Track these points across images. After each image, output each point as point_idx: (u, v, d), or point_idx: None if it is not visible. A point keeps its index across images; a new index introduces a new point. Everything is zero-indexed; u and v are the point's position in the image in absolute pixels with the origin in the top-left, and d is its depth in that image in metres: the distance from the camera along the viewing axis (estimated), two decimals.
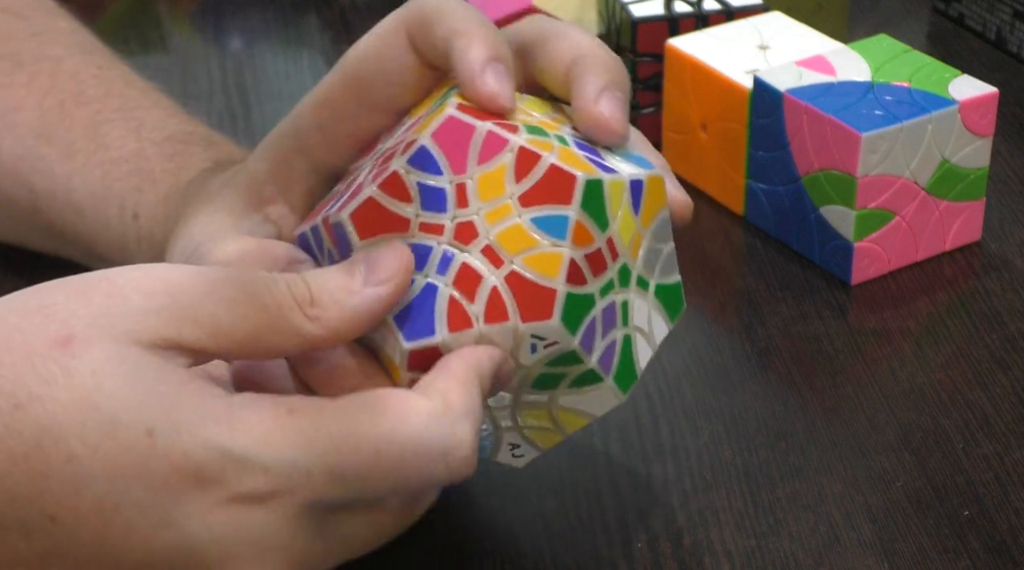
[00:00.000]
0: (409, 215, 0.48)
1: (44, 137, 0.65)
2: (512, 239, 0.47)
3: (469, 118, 0.48)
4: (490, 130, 0.48)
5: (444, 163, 0.48)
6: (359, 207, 0.48)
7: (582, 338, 0.48)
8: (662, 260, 0.51)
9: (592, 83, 0.50)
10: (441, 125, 0.48)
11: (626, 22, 0.76)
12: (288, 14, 0.91)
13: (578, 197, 0.47)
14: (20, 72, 0.66)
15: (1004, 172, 0.76)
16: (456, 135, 0.48)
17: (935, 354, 0.65)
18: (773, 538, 0.55)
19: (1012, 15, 0.85)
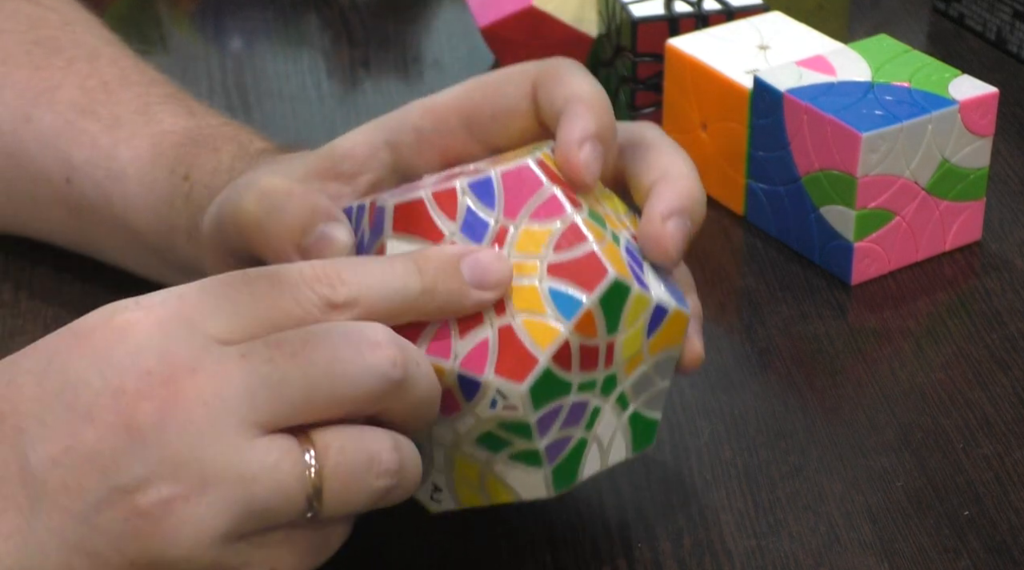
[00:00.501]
0: (445, 231, 0.49)
1: (87, 112, 0.64)
2: (524, 297, 0.48)
3: (543, 175, 0.49)
4: (554, 194, 0.48)
5: (500, 202, 0.48)
6: (407, 202, 0.49)
7: (541, 416, 0.48)
8: (652, 392, 0.52)
9: (667, 203, 0.51)
10: (514, 169, 0.49)
11: (626, 22, 0.76)
12: (288, 14, 0.91)
13: (601, 290, 0.48)
14: (57, 56, 0.66)
15: (1004, 172, 0.76)
16: (523, 184, 0.48)
17: (935, 354, 0.65)
18: (773, 538, 0.55)
19: (1012, 15, 0.85)
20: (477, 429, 0.49)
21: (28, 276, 0.68)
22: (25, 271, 0.68)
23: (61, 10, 0.69)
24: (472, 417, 0.49)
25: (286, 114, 0.81)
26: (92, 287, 0.67)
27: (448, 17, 0.90)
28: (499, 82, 0.53)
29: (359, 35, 0.88)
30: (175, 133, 0.62)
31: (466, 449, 0.50)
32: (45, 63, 0.66)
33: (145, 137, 0.63)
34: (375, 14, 0.90)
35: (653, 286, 0.50)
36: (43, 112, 0.65)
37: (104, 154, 0.63)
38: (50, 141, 0.64)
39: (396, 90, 0.83)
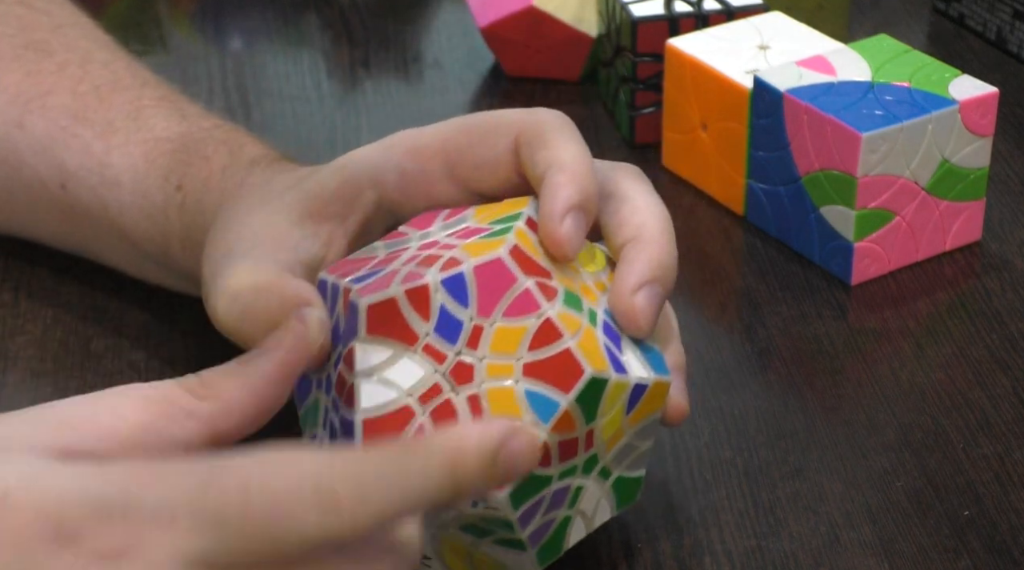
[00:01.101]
0: (419, 332, 0.48)
1: (80, 118, 0.64)
2: (499, 401, 0.48)
3: (516, 268, 0.48)
4: (528, 289, 0.48)
5: (473, 299, 0.48)
6: (379, 302, 0.48)
7: (522, 514, 0.48)
8: (634, 456, 0.52)
9: (637, 273, 0.50)
10: (488, 262, 0.48)
11: (626, 22, 0.76)
12: (288, 14, 0.91)
13: (577, 390, 0.48)
14: (49, 60, 0.66)
15: (1004, 172, 0.76)
16: (497, 278, 0.48)
17: (935, 354, 0.65)
18: (773, 538, 0.55)
19: (1012, 15, 0.85)
20: (461, 519, 0.49)
21: (28, 276, 0.68)
22: (25, 271, 0.68)
23: (53, 12, 0.69)
24: (455, 510, 0.49)
25: (286, 114, 0.81)
26: (92, 288, 0.67)
27: (448, 17, 0.90)
28: (483, 131, 0.53)
29: (359, 35, 0.88)
30: (167, 140, 0.62)
31: (452, 532, 0.50)
32: (37, 68, 0.66)
33: (138, 144, 0.63)
34: (375, 14, 0.90)
35: (631, 363, 0.49)
36: (36, 118, 0.64)
37: (97, 161, 0.63)
38: (44, 147, 0.64)
39: (396, 90, 0.83)
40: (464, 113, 0.82)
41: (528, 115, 0.52)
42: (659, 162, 0.77)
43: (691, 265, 0.70)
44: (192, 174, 0.60)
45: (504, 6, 0.81)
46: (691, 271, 0.69)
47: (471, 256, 0.48)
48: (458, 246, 0.49)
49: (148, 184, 0.61)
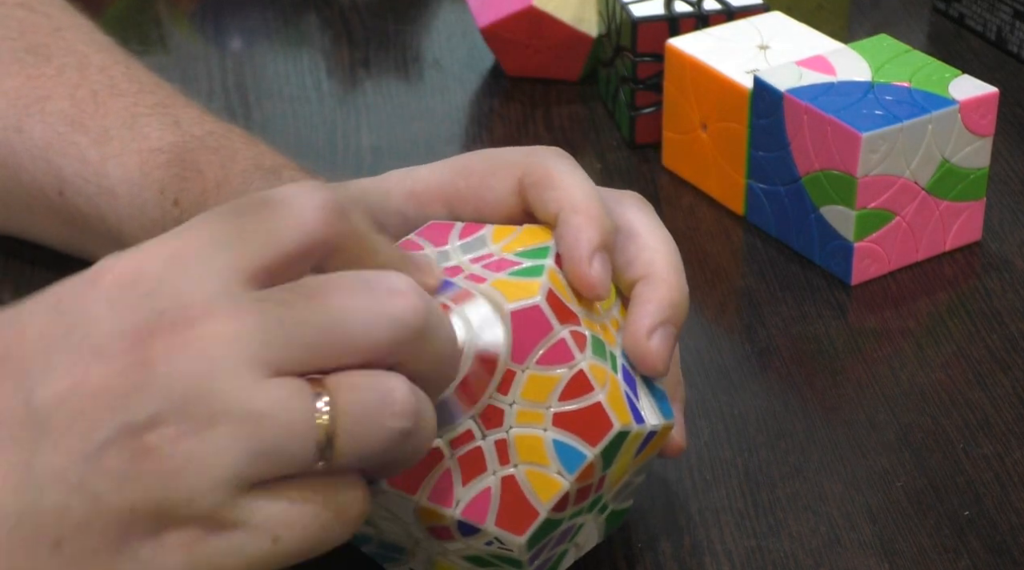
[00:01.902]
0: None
1: (77, 124, 0.64)
2: (528, 447, 0.48)
3: (552, 317, 0.48)
4: (563, 339, 0.48)
5: (508, 344, 0.48)
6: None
7: (534, 554, 0.49)
8: (629, 490, 0.52)
9: (651, 315, 0.51)
10: (526, 309, 0.47)
11: (626, 22, 0.76)
12: (288, 14, 0.91)
13: (604, 443, 0.48)
14: (48, 65, 0.66)
15: (1004, 172, 0.76)
16: (533, 325, 0.48)
17: (935, 354, 0.64)
18: (773, 538, 0.55)
19: (1012, 15, 0.85)
20: (468, 551, 0.49)
21: (28, 276, 0.68)
22: (25, 271, 0.68)
23: (53, 15, 0.69)
24: (464, 544, 0.49)
25: (286, 114, 0.81)
26: None
27: (448, 17, 0.90)
28: (483, 173, 0.53)
29: (359, 35, 0.88)
30: (160, 151, 0.62)
31: (452, 559, 0.50)
32: (36, 72, 0.66)
33: (133, 154, 0.63)
34: (375, 14, 0.90)
35: (646, 410, 0.50)
36: (34, 123, 0.65)
37: (93, 170, 0.63)
38: (41, 153, 0.64)
39: (396, 90, 0.83)
40: (464, 113, 0.82)
41: (529, 156, 0.52)
42: (659, 162, 0.77)
43: (691, 265, 0.70)
44: (188, 189, 0.60)
45: (504, 6, 0.81)
46: (691, 271, 0.69)
47: (507, 299, 0.48)
48: (488, 281, 0.49)
49: (145, 197, 0.62)
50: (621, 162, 0.77)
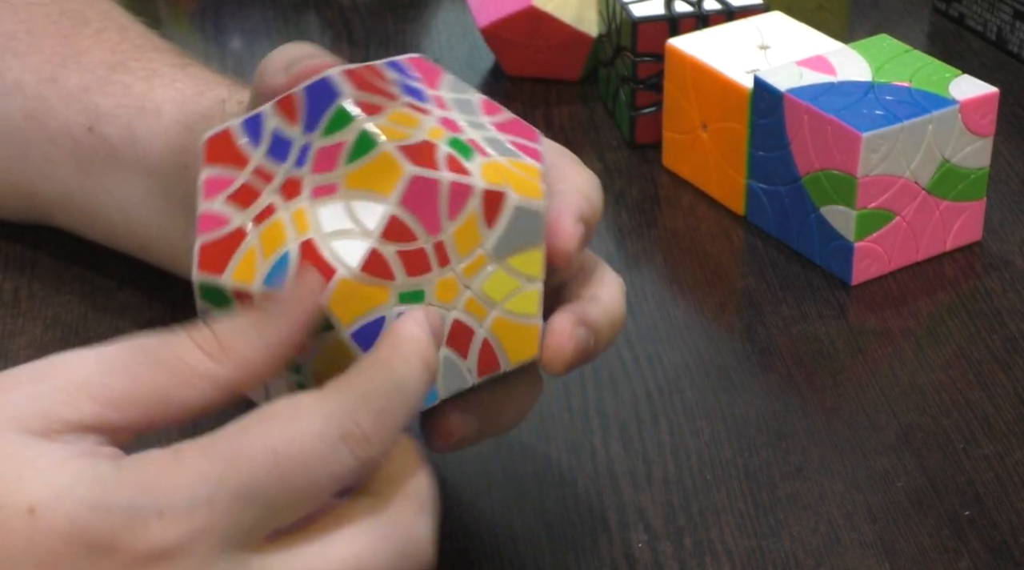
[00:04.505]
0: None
1: (120, 67, 0.64)
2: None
3: (430, 173, 0.47)
4: (453, 182, 0.47)
5: (420, 228, 0.47)
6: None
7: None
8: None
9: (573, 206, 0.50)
10: (408, 189, 0.46)
11: (626, 22, 0.76)
12: (288, 14, 0.91)
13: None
14: (86, 27, 0.66)
15: (1004, 172, 0.76)
16: (423, 195, 0.47)
17: (935, 354, 0.64)
18: (773, 538, 0.55)
19: (1012, 15, 0.85)
20: None
21: (28, 276, 0.68)
22: (25, 271, 0.68)
23: None
24: None
25: None
26: (92, 288, 0.67)
27: (448, 17, 0.90)
28: None
29: (359, 35, 0.88)
30: (219, 83, 0.62)
31: None
32: (73, 32, 0.65)
33: (185, 80, 0.62)
34: (375, 14, 0.90)
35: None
36: (70, 72, 0.64)
37: (138, 98, 0.62)
38: (76, 96, 0.63)
39: None
40: None
41: None
42: (659, 162, 0.77)
43: (691, 265, 0.70)
44: None
45: (504, 6, 0.81)
46: (691, 271, 0.69)
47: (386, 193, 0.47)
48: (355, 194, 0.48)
49: (198, 103, 0.60)
50: (621, 162, 0.77)
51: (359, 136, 0.47)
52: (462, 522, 0.56)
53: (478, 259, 0.48)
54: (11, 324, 0.66)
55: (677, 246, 0.71)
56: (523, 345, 0.50)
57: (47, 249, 0.68)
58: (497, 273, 0.49)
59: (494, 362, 0.49)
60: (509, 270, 0.49)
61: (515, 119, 0.52)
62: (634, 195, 0.75)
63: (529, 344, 0.50)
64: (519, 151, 0.50)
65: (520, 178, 0.49)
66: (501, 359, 0.50)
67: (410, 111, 0.48)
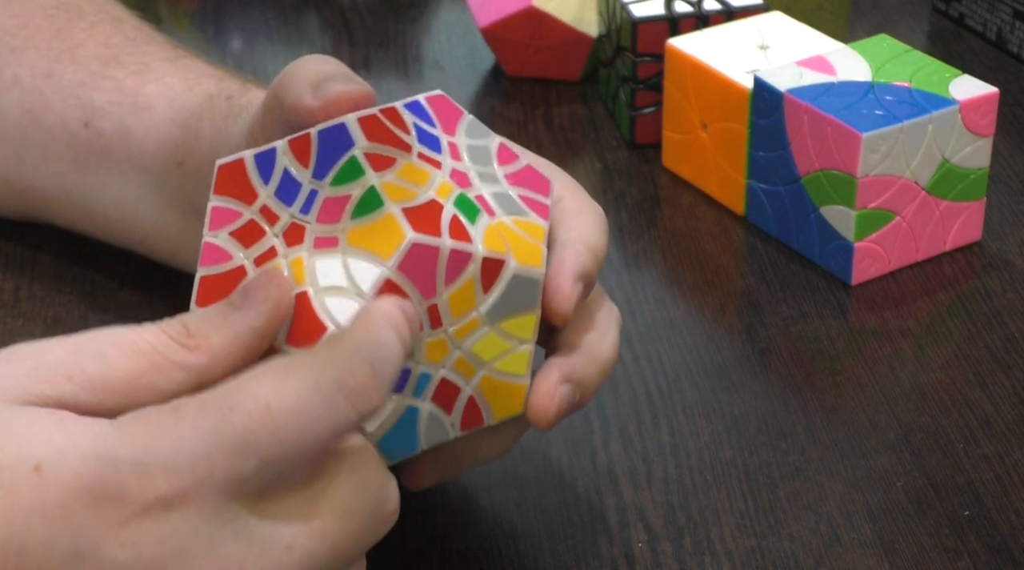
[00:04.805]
0: (260, 193, 0.48)
1: (113, 62, 0.64)
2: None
3: (430, 239, 0.47)
4: (453, 249, 0.47)
5: (415, 292, 0.47)
6: (228, 163, 0.49)
7: None
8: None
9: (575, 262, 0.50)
10: (406, 255, 0.46)
11: (626, 22, 0.76)
12: (288, 14, 0.91)
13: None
14: (81, 20, 0.66)
15: (1004, 172, 0.76)
16: (421, 260, 0.47)
17: (935, 354, 0.65)
18: (773, 538, 0.55)
19: (1012, 15, 0.85)
20: None
21: (28, 276, 0.68)
22: (25, 271, 0.68)
23: None
24: None
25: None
26: (92, 288, 0.67)
27: (448, 17, 0.90)
28: None
29: (359, 35, 0.88)
30: (210, 75, 0.62)
31: None
32: (68, 26, 0.66)
33: (176, 76, 0.62)
34: (375, 14, 0.90)
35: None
36: (65, 67, 0.64)
37: (130, 94, 0.63)
38: (72, 91, 0.64)
39: (396, 90, 0.83)
40: None
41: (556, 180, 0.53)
42: (659, 162, 0.77)
43: (691, 265, 0.70)
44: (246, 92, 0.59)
45: (504, 6, 0.81)
46: (691, 271, 0.69)
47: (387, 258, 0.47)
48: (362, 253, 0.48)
49: (187, 99, 0.61)
50: (621, 162, 0.77)
51: (366, 192, 0.47)
52: (462, 522, 0.56)
53: (471, 322, 0.48)
54: (11, 324, 0.66)
55: (677, 246, 0.71)
56: (509, 402, 0.50)
57: (47, 249, 0.68)
58: (489, 336, 0.49)
59: (478, 418, 0.50)
60: (501, 333, 0.49)
61: (528, 168, 0.52)
62: (634, 195, 0.75)
63: (515, 401, 0.50)
64: (527, 208, 0.50)
65: (522, 241, 0.49)
66: (485, 415, 0.50)
67: (421, 164, 0.48)
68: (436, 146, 0.49)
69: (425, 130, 0.49)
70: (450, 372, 0.49)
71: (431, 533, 0.56)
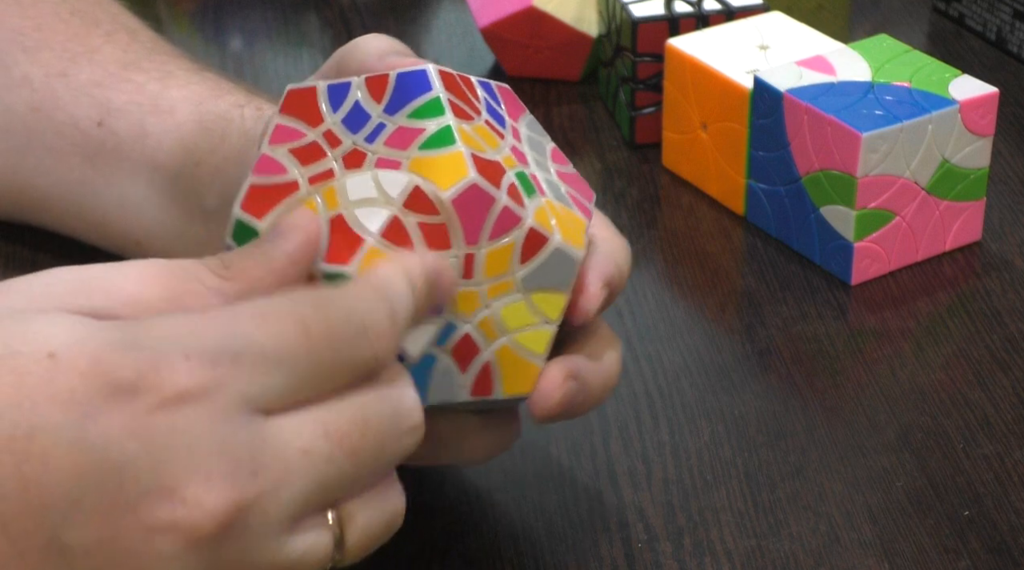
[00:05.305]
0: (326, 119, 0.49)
1: (133, 67, 0.64)
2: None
3: (487, 185, 0.47)
4: (506, 206, 0.48)
5: (458, 234, 0.48)
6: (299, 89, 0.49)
7: None
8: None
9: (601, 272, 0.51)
10: (464, 192, 0.47)
11: (626, 22, 0.76)
12: (288, 14, 0.91)
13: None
14: (97, 28, 0.66)
15: (1004, 172, 0.76)
16: (475, 203, 0.47)
17: (935, 354, 0.65)
18: (773, 538, 0.55)
19: (1012, 15, 0.85)
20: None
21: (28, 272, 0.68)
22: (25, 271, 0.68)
23: None
24: None
25: None
26: None
27: (448, 17, 0.90)
28: None
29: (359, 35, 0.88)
30: (234, 90, 0.62)
31: None
32: (84, 31, 0.65)
33: (202, 85, 0.63)
34: (375, 14, 0.90)
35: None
36: (82, 67, 0.64)
37: (152, 95, 0.63)
38: (88, 90, 0.64)
39: None
40: None
41: None
42: (659, 162, 0.77)
43: (691, 265, 0.70)
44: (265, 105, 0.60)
45: (504, 6, 0.81)
46: (691, 271, 0.69)
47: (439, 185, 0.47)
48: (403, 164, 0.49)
49: (215, 104, 0.61)
50: (621, 162, 0.77)
51: (442, 129, 0.48)
52: (462, 522, 0.56)
53: (506, 284, 0.49)
54: None
55: (677, 246, 0.71)
56: (520, 379, 0.50)
57: (47, 249, 0.68)
58: (519, 304, 0.49)
59: (488, 386, 0.50)
60: (531, 305, 0.50)
61: (576, 174, 0.53)
62: (634, 195, 0.75)
63: (526, 380, 0.50)
64: (573, 203, 0.51)
65: (567, 225, 0.50)
66: (496, 385, 0.50)
67: (491, 131, 0.49)
68: (502, 123, 0.50)
69: (493, 106, 0.51)
70: (475, 329, 0.49)
71: (431, 533, 0.56)
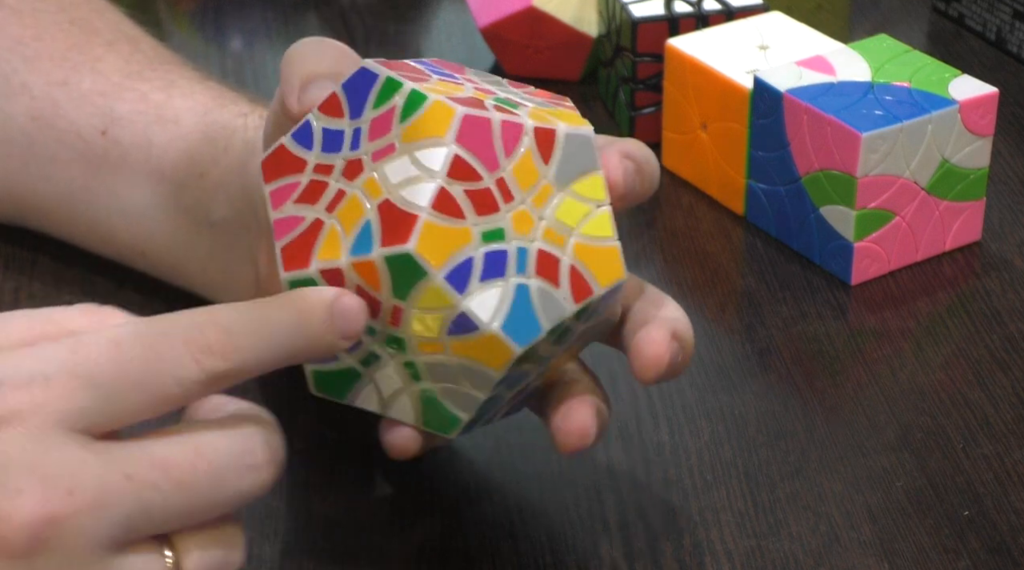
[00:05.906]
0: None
1: (136, 77, 0.64)
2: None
3: (480, 112, 0.49)
4: (504, 120, 0.49)
5: (480, 165, 0.48)
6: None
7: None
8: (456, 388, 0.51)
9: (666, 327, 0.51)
10: (460, 128, 0.48)
11: (626, 22, 0.76)
12: (288, 14, 0.91)
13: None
14: (98, 37, 0.66)
15: (1004, 172, 0.76)
16: (476, 132, 0.48)
17: (935, 354, 0.65)
18: (773, 538, 0.55)
19: (1012, 15, 0.85)
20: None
21: (28, 276, 0.68)
22: (25, 271, 0.68)
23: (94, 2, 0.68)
24: None
25: None
26: (92, 288, 0.67)
27: (448, 17, 0.90)
28: None
29: (359, 35, 0.88)
30: (239, 99, 0.62)
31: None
32: (84, 41, 0.65)
33: (206, 94, 0.63)
34: (375, 14, 0.90)
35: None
36: (84, 76, 0.64)
37: (156, 104, 0.63)
38: (91, 99, 0.64)
39: None
40: None
41: None
42: (659, 162, 0.76)
43: (691, 265, 0.70)
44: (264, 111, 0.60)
45: (504, 6, 0.81)
46: (691, 271, 0.69)
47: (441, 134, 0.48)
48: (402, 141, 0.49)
49: (219, 114, 0.61)
50: None
51: (410, 95, 0.48)
52: (462, 522, 0.56)
53: (544, 190, 0.49)
54: None
55: (677, 246, 0.71)
56: (608, 267, 0.50)
57: (47, 249, 0.68)
58: (565, 201, 0.50)
59: (586, 287, 0.49)
60: (575, 197, 0.50)
61: (542, 91, 0.54)
62: None
63: (614, 265, 0.50)
64: (552, 104, 0.52)
65: (563, 115, 0.51)
66: (592, 283, 0.50)
67: (449, 83, 0.50)
68: (454, 78, 0.51)
69: (438, 70, 0.51)
70: (543, 243, 0.49)
71: (431, 533, 0.56)
